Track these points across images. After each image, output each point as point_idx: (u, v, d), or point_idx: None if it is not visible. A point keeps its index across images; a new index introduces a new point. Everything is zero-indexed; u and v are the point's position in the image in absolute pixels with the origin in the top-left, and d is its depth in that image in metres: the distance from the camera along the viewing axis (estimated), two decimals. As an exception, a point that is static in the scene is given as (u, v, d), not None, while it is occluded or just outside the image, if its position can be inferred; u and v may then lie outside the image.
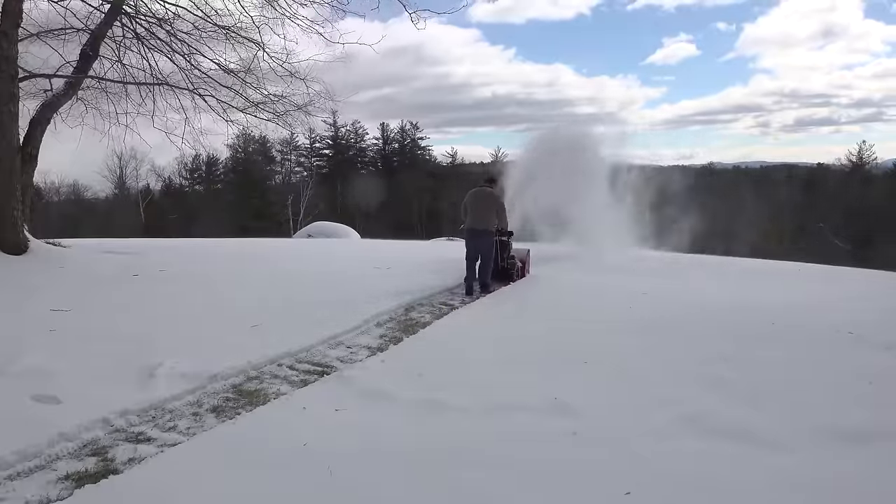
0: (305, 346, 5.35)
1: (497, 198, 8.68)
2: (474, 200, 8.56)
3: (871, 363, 5.06)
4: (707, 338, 5.83)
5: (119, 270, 8.45)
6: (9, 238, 8.36)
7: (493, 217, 8.48)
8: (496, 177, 9.08)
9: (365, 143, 61.48)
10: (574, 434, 3.66)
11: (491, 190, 8.75)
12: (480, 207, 8.49)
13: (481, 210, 8.47)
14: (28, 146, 8.87)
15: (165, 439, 3.55)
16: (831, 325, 6.28)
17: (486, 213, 8.46)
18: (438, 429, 3.75)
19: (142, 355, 4.69)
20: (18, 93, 8.41)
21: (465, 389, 4.39)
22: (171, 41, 9.44)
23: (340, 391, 4.35)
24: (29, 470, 3.12)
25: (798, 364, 5.06)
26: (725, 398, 4.24)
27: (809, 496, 2.95)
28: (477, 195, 8.60)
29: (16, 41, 8.21)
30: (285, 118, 10.54)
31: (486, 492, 2.99)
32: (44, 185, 42.24)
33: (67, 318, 5.70)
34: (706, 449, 3.46)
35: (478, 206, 8.50)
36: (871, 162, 54.22)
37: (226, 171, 55.40)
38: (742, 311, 7.10)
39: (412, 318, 6.82)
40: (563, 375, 4.76)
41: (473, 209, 8.51)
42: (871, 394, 4.35)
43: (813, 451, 3.42)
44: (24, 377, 4.14)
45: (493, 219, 8.48)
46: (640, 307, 7.36)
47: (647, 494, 2.96)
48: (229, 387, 4.43)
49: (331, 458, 3.27)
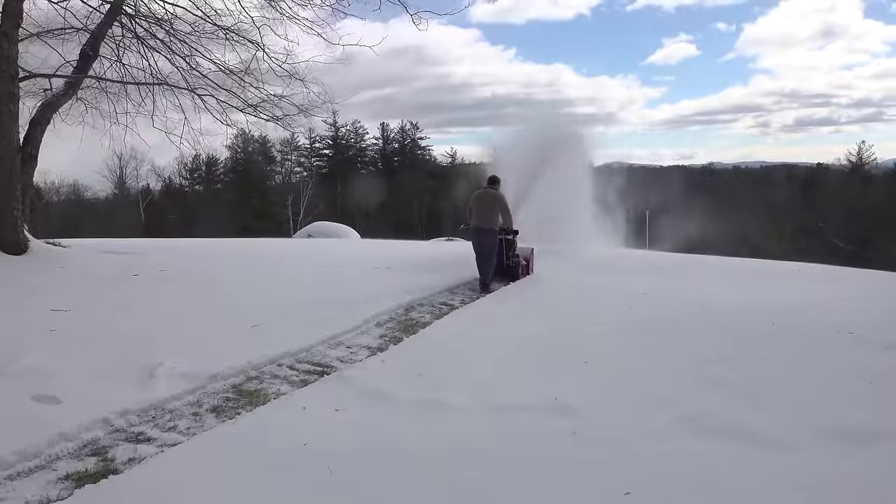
0: (305, 346, 5.35)
1: (500, 198, 8.76)
2: (478, 201, 8.76)
3: (872, 363, 5.05)
4: (707, 338, 5.82)
5: (119, 270, 8.44)
6: (9, 238, 8.36)
7: (497, 217, 8.68)
8: (498, 178, 9.10)
9: (365, 143, 61.52)
10: (574, 434, 3.66)
11: (495, 191, 8.82)
12: (483, 208, 8.69)
13: (485, 210, 8.68)
14: (28, 146, 8.87)
15: (165, 439, 3.54)
16: (832, 325, 6.27)
17: (490, 213, 8.66)
18: (438, 429, 3.75)
19: (142, 355, 4.69)
20: (18, 93, 8.41)
21: (465, 389, 4.39)
22: (170, 41, 9.44)
23: (340, 391, 4.35)
24: (29, 470, 3.11)
25: (799, 364, 5.05)
26: (726, 398, 4.23)
27: (812, 496, 2.94)
28: (480, 196, 8.79)
29: (16, 41, 8.20)
30: (285, 120, 10.54)
31: (487, 492, 2.98)
32: (44, 185, 42.30)
33: (67, 318, 5.69)
34: (706, 449, 3.46)
35: (481, 207, 8.71)
36: (871, 162, 54.34)
37: (226, 171, 55.40)
38: (742, 312, 7.08)
39: (412, 318, 6.82)
40: (563, 375, 4.76)
41: (477, 210, 8.71)
42: (871, 394, 4.34)
43: (815, 451, 3.42)
44: (24, 377, 4.13)
45: (497, 218, 8.69)
46: (640, 307, 7.35)
47: (648, 494, 2.96)
48: (229, 387, 4.43)
49: (331, 458, 3.26)
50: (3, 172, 8.21)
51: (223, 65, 9.76)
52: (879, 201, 43.87)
